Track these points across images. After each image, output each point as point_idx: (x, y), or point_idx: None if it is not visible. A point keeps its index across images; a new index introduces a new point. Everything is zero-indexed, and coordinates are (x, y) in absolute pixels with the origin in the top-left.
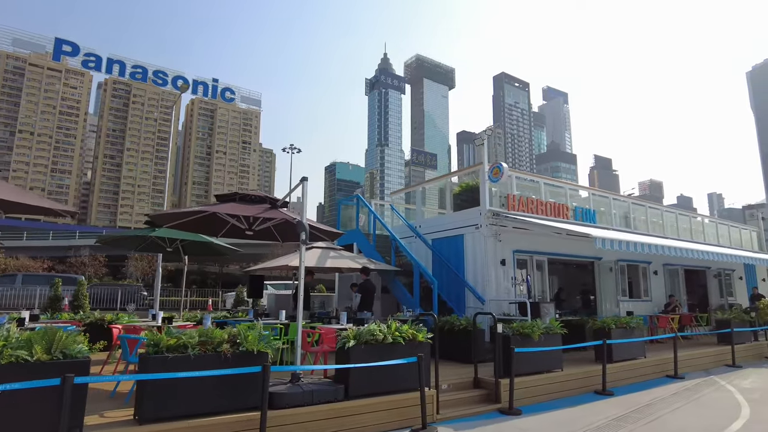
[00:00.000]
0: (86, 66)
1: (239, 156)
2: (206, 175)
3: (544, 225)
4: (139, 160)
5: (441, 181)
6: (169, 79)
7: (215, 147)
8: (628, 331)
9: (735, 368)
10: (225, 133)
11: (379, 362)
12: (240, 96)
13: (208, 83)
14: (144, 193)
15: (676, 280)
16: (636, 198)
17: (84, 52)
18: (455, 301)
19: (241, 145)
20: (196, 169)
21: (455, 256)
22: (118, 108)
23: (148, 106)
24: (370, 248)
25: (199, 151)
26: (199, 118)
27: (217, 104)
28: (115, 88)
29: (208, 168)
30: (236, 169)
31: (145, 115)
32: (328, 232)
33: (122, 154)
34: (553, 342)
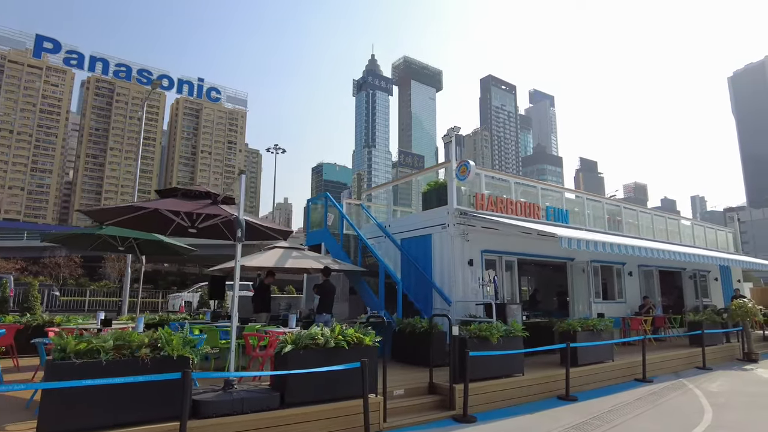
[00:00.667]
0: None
1: (224, 156)
2: (191, 176)
3: (510, 224)
4: (123, 159)
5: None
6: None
7: (200, 147)
8: (594, 333)
9: (705, 371)
10: (210, 133)
11: (318, 368)
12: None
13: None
14: (128, 193)
15: (651, 281)
16: (620, 200)
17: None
18: (423, 302)
19: (227, 146)
20: (181, 169)
21: (423, 256)
22: (101, 107)
23: (132, 105)
24: (338, 248)
25: (184, 151)
26: (185, 118)
27: (203, 104)
28: (98, 86)
29: (192, 168)
30: (221, 169)
31: (129, 114)
32: (278, 230)
33: (105, 153)
34: (514, 345)
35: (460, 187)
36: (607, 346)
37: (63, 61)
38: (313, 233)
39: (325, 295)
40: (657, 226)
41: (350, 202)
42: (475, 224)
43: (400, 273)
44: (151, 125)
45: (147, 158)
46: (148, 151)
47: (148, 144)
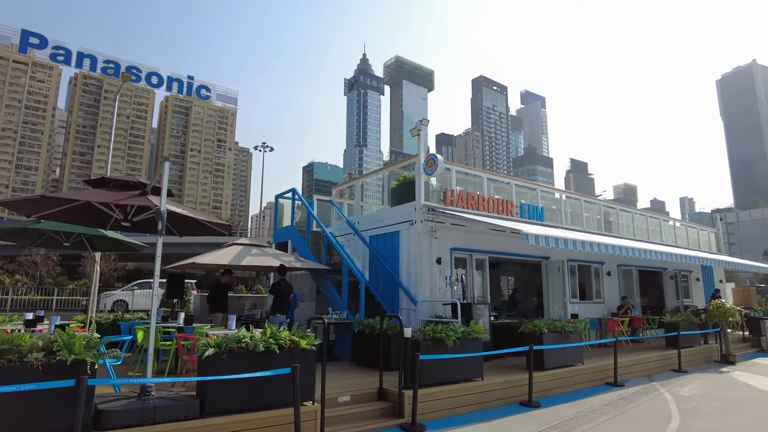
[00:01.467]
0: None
1: (214, 155)
2: (180, 174)
3: (476, 221)
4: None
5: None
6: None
7: (189, 145)
8: (562, 336)
9: (680, 373)
10: (200, 131)
11: (243, 374)
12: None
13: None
14: None
15: (630, 281)
16: (600, 199)
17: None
18: (390, 302)
19: (216, 144)
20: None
21: (391, 254)
22: (88, 104)
23: (120, 103)
24: (304, 246)
25: (173, 149)
26: (174, 116)
27: (192, 102)
28: (85, 83)
29: (182, 166)
30: (211, 168)
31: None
32: (218, 224)
33: (92, 151)
34: (473, 348)
35: (429, 182)
36: (576, 348)
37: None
38: (281, 230)
39: (279, 295)
40: (638, 225)
41: (321, 198)
42: (445, 221)
43: (369, 271)
44: (140, 123)
45: (135, 156)
46: (136, 149)
47: (137, 142)
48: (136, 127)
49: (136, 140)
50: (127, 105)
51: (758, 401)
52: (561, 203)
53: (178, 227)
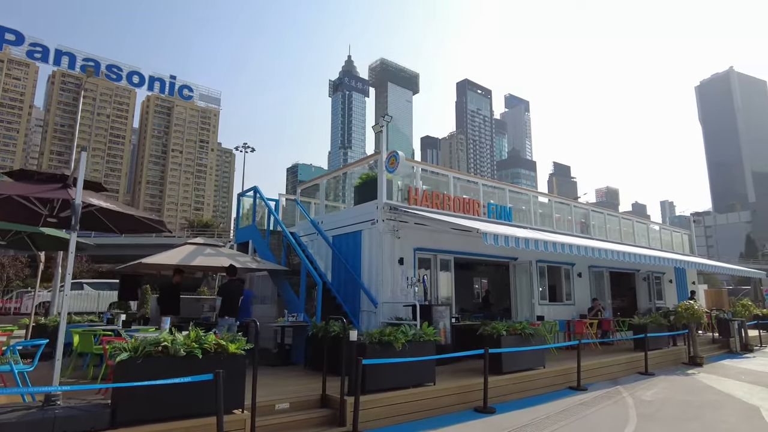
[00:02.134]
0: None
1: (196, 155)
2: (161, 174)
3: (437, 219)
4: (90, 157)
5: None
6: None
7: (171, 146)
8: (523, 338)
9: (646, 376)
10: (182, 132)
11: (159, 380)
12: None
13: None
14: None
15: (602, 282)
16: (583, 203)
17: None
18: (351, 303)
19: (199, 144)
20: (151, 168)
21: (353, 254)
22: (67, 102)
23: (100, 102)
24: (264, 246)
25: (155, 150)
26: (155, 116)
27: (175, 102)
28: (64, 81)
29: (163, 167)
30: (193, 168)
31: (98, 111)
32: (151, 219)
33: (71, 150)
34: (425, 351)
35: (393, 180)
36: (538, 351)
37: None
38: (243, 230)
39: (227, 297)
40: (612, 227)
41: (285, 196)
42: (408, 220)
43: (331, 272)
44: (121, 122)
45: (116, 156)
46: (116, 149)
47: (117, 142)
48: (116, 126)
49: (116, 140)
50: (107, 104)
51: (717, 405)
52: (530, 204)
53: (115, 224)
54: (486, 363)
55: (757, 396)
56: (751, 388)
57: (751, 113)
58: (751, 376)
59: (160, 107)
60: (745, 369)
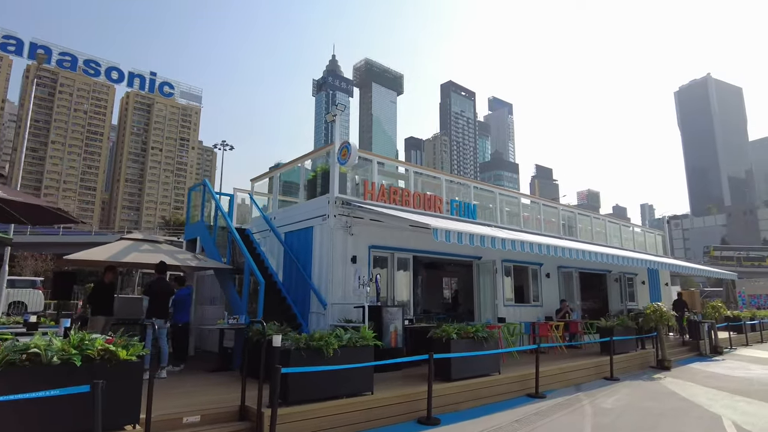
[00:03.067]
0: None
1: (176, 153)
2: (140, 172)
3: (387, 214)
4: (66, 154)
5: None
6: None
7: (151, 143)
8: (475, 342)
9: (611, 382)
10: (162, 129)
11: (17, 395)
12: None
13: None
14: (70, 189)
15: (571, 283)
16: (566, 205)
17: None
18: (301, 304)
19: (179, 142)
20: (130, 165)
21: (304, 252)
22: (42, 97)
23: (77, 98)
24: (211, 243)
25: (134, 147)
26: (135, 113)
27: (155, 99)
28: (39, 75)
29: (142, 165)
30: (173, 166)
31: (74, 107)
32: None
33: (46, 147)
34: (361, 357)
35: (349, 174)
36: (492, 356)
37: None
38: (191, 226)
39: (155, 296)
40: (582, 227)
41: (240, 191)
42: (363, 216)
43: (283, 271)
44: (99, 119)
45: (93, 153)
46: (94, 146)
47: (95, 139)
48: (94, 123)
49: (94, 137)
50: (84, 100)
51: (679, 413)
52: (497, 201)
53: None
54: (431, 369)
55: (720, 403)
56: (715, 395)
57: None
58: (717, 380)
59: (139, 104)
60: (712, 373)
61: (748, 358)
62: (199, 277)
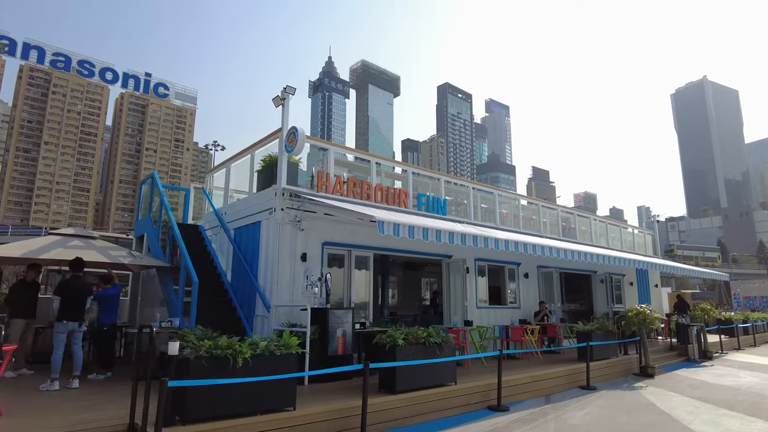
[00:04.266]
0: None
1: (171, 155)
2: (134, 174)
3: (333, 206)
4: (59, 155)
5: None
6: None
7: (145, 144)
8: (427, 348)
9: (588, 391)
10: (156, 130)
11: None
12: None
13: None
14: (63, 190)
15: (551, 284)
16: (570, 209)
17: None
18: (247, 307)
19: (174, 144)
20: (124, 167)
21: (252, 249)
22: (35, 98)
23: (70, 98)
24: (156, 239)
25: (128, 148)
26: (129, 114)
27: (150, 100)
28: (32, 76)
29: (137, 166)
30: (167, 168)
31: (68, 107)
32: None
33: (39, 147)
34: (282, 367)
35: (297, 162)
36: (447, 365)
37: None
38: (141, 222)
39: (67, 296)
40: (567, 225)
41: (197, 186)
42: (317, 210)
43: (231, 271)
44: (93, 120)
45: (87, 155)
46: (88, 147)
47: (89, 140)
48: (88, 124)
49: (87, 138)
50: (78, 101)
51: (651, 429)
52: (470, 197)
53: None
54: (365, 380)
55: (701, 418)
56: (697, 407)
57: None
58: (701, 390)
59: (134, 105)
60: (699, 381)
61: (739, 363)
62: (147, 277)
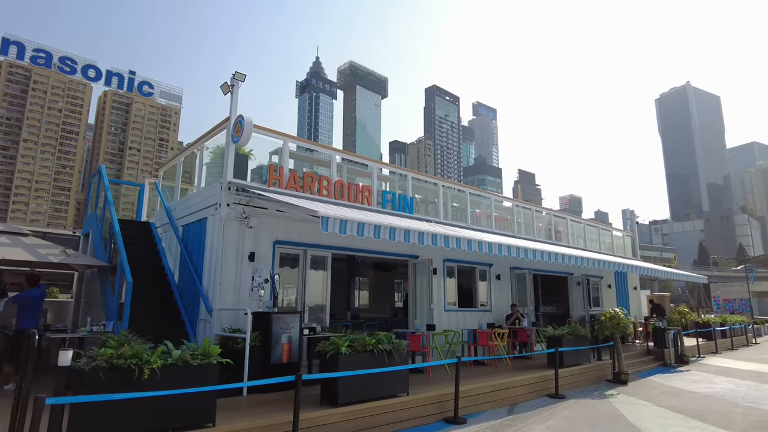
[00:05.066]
0: None
1: (155, 154)
2: (117, 173)
3: (278, 201)
4: (39, 153)
5: None
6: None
7: (129, 143)
8: (376, 356)
9: (556, 400)
10: (140, 129)
11: None
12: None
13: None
14: (43, 189)
15: (524, 286)
16: (546, 209)
17: None
18: (192, 309)
19: (158, 143)
20: (107, 166)
21: (198, 247)
22: (14, 94)
23: (51, 95)
24: (99, 236)
25: (111, 147)
26: (113, 112)
27: (134, 98)
28: (11, 72)
29: (120, 165)
30: (151, 167)
31: (48, 105)
32: None
33: (18, 145)
34: (199, 379)
35: (246, 154)
36: (398, 374)
37: None
38: (88, 219)
39: None
40: (542, 225)
41: (150, 180)
42: (269, 206)
43: (179, 270)
44: (74, 118)
45: (68, 153)
46: (69, 145)
47: (70, 138)
48: (69, 122)
49: (69, 136)
50: (59, 98)
51: None
52: (440, 195)
53: None
54: (297, 394)
55: (669, 431)
56: (668, 418)
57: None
58: (675, 398)
59: (118, 103)
60: (673, 388)
61: (715, 368)
62: (90, 277)
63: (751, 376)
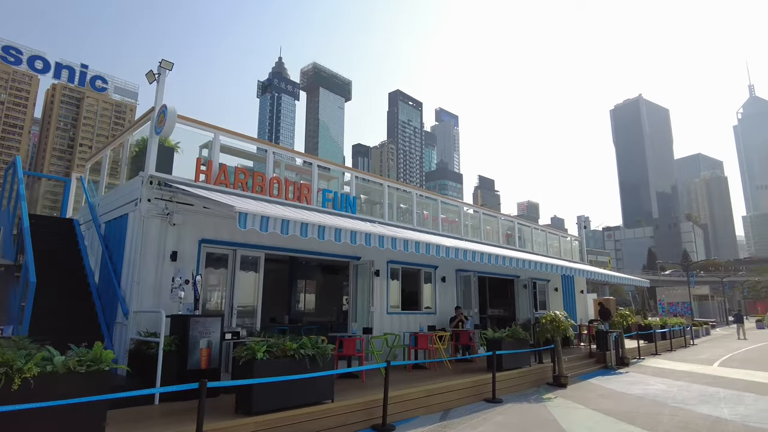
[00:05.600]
0: None
1: None
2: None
3: (197, 195)
4: None
5: None
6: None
7: (79, 140)
8: (295, 362)
9: (493, 404)
10: (92, 126)
11: None
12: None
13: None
14: None
15: (469, 288)
16: (515, 217)
17: None
18: (109, 312)
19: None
20: (54, 162)
21: (117, 245)
22: None
23: None
24: (9, 234)
25: (60, 143)
26: (62, 107)
27: (86, 93)
28: None
29: (69, 162)
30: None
31: None
32: None
33: None
34: (86, 388)
35: (173, 147)
36: (324, 380)
37: None
38: (1, 214)
39: None
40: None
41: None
42: (195, 203)
43: (99, 270)
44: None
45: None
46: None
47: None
48: (13, 115)
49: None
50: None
51: None
52: (385, 196)
53: None
54: (201, 404)
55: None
56: (598, 422)
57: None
58: (610, 400)
59: (68, 97)
60: (609, 390)
61: (652, 369)
62: None
63: (684, 376)
